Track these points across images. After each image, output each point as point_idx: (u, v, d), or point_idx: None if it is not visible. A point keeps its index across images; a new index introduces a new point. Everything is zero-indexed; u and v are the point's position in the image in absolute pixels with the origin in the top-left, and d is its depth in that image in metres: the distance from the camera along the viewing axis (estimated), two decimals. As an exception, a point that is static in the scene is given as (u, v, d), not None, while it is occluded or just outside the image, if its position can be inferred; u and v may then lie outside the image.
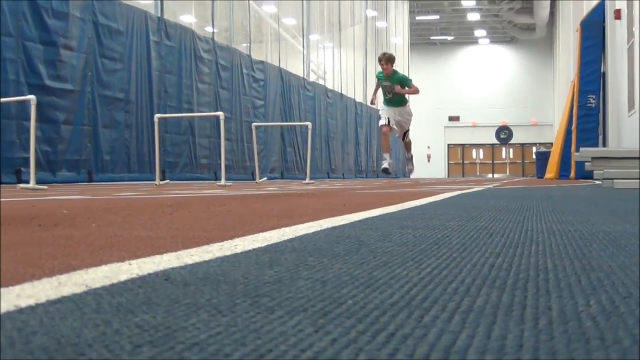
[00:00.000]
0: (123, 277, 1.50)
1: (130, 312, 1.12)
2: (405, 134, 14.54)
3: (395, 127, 14.02)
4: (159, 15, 18.04)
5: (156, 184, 12.51)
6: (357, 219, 3.54)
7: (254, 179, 13.95)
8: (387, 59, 13.90)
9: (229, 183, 12.68)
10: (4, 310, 1.14)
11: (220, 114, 12.51)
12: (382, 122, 13.89)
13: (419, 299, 1.25)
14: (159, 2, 18.21)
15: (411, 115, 14.62)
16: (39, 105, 12.83)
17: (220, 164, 12.86)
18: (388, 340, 0.93)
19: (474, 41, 53.29)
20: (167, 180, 14.62)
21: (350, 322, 1.04)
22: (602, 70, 21.79)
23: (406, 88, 13.80)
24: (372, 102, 15.17)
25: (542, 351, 0.87)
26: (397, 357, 0.84)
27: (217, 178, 16.97)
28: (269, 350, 0.87)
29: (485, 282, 1.46)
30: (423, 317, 1.09)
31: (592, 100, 21.66)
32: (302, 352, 0.86)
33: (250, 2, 23.66)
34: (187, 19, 20.69)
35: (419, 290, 1.34)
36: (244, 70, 21.99)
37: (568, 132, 22.80)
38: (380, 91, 14.31)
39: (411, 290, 1.34)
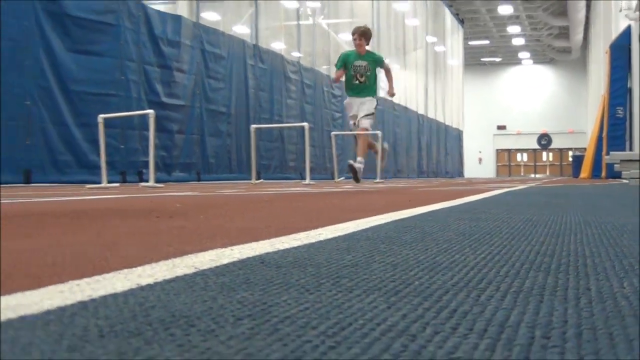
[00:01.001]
0: (226, 261, 1.50)
1: (233, 290, 1.12)
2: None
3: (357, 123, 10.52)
4: (255, 42, 18.16)
5: (252, 183, 12.56)
6: (420, 212, 3.51)
7: (333, 178, 13.89)
8: (361, 33, 10.17)
9: (312, 182, 12.69)
10: (126, 288, 1.14)
11: (305, 124, 12.53)
12: (362, 125, 10.22)
13: (475, 280, 1.23)
14: (254, 32, 18.34)
15: (374, 109, 10.74)
16: (157, 118, 13.01)
17: (305, 166, 12.87)
18: (451, 315, 0.91)
19: (518, 62, 52.95)
20: (262, 180, 14.67)
21: (418, 300, 1.03)
22: (628, 86, 21.45)
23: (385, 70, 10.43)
24: (336, 81, 10.57)
25: (584, 326, 0.84)
26: (458, 331, 0.82)
27: (303, 178, 17.02)
28: (349, 323, 0.86)
29: (532, 266, 1.42)
30: (480, 296, 1.07)
31: (620, 112, 21.36)
32: (377, 326, 0.85)
33: (330, 31, 23.75)
34: (278, 46, 20.76)
35: (476, 273, 1.31)
36: (324, 88, 22.05)
37: (599, 138, 22.56)
38: (343, 78, 10.49)
39: (469, 273, 1.32)
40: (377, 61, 10.47)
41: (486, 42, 48.61)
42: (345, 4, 24.76)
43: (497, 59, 52.77)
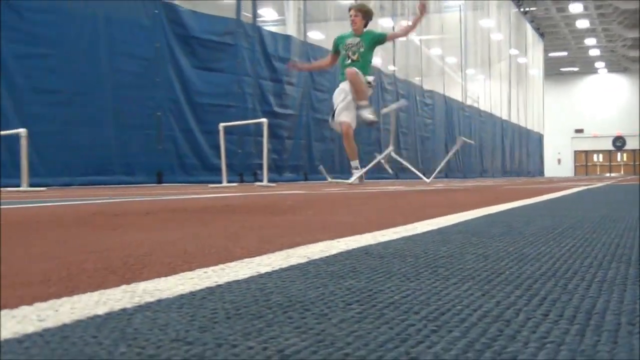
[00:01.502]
0: (334, 251, 1.50)
1: (341, 278, 1.12)
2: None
3: (345, 118, 7.69)
4: (355, 58, 18.17)
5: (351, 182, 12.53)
6: (506, 208, 3.45)
7: (420, 178, 13.75)
8: (359, 9, 7.92)
9: (407, 181, 12.59)
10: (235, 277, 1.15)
11: (403, 101, 12.43)
12: (344, 118, 7.57)
13: (562, 270, 1.19)
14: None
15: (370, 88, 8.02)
16: (269, 125, 13.23)
17: (399, 167, 12.78)
18: (541, 303, 0.89)
19: (594, 71, 51.64)
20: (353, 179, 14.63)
21: (509, 288, 1.00)
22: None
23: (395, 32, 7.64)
24: (301, 68, 8.52)
25: (667, 314, 0.81)
26: (549, 317, 0.80)
27: (398, 177, 16.96)
28: (448, 309, 0.85)
29: (614, 258, 1.38)
30: (567, 285, 1.03)
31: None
32: (474, 312, 0.83)
33: (422, 46, 23.59)
34: (376, 61, 20.72)
35: (562, 264, 1.28)
36: (417, 97, 21.94)
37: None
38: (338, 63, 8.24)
39: (555, 264, 1.28)
40: (376, 38, 8.15)
41: (564, 53, 47.52)
42: (436, 21, 24.54)
43: (575, 69, 51.56)
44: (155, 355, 0.64)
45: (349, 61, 7.89)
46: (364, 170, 8.32)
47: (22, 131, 7.68)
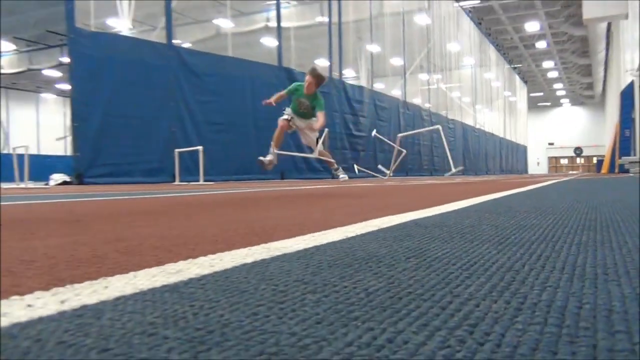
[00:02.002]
0: (395, 222, 1.45)
1: (401, 240, 1.07)
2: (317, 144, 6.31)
3: (296, 126, 6.21)
4: (404, 99, 17.93)
5: (390, 177, 12.41)
6: (505, 194, 3.32)
7: (445, 173, 13.40)
8: (315, 76, 5.92)
9: (439, 176, 12.34)
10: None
11: (438, 126, 12.16)
12: (285, 117, 6.14)
13: (549, 236, 1.11)
14: (403, 93, 18.10)
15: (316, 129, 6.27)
16: (349, 142, 13.39)
17: (435, 167, 12.58)
18: (538, 258, 0.82)
19: (560, 105, 49.66)
20: (388, 175, 14.43)
21: (515, 248, 0.94)
22: (632, 116, 19.53)
23: (318, 117, 6.05)
24: (269, 103, 6.20)
25: (630, 267, 0.73)
26: (546, 268, 0.74)
27: (431, 174, 16.66)
28: (475, 262, 0.79)
29: (584, 227, 1.28)
30: (554, 246, 0.96)
31: (627, 133, 19.45)
32: (492, 264, 0.78)
33: (446, 91, 23.10)
34: (417, 101, 20.41)
35: (549, 232, 1.19)
36: (445, 124, 21.44)
37: (613, 149, 20.75)
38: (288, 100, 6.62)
39: (544, 231, 1.20)
40: (317, 105, 6.33)
41: (541, 93, 45.74)
42: (455, 75, 24.04)
43: (548, 103, 49.60)
44: (284, 291, 0.62)
45: (301, 111, 6.19)
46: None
47: (199, 148, 7.88)
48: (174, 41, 9.79)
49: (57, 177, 8.77)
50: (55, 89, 29.18)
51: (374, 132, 9.24)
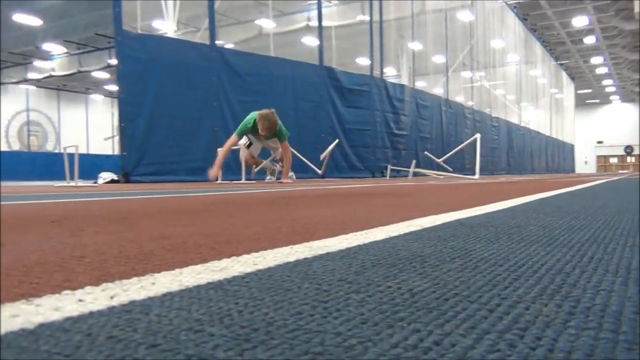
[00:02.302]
0: (438, 222, 1.43)
1: (445, 240, 1.05)
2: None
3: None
4: (446, 97, 17.68)
5: (440, 177, 12.25)
6: (553, 194, 3.22)
7: (473, 174, 13.12)
8: (269, 128, 6.21)
9: (479, 177, 12.11)
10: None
11: (478, 135, 11.98)
12: (247, 151, 6.28)
13: (601, 237, 1.07)
14: (445, 91, 17.86)
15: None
16: (390, 141, 13.31)
17: (475, 167, 12.32)
18: (590, 261, 0.79)
19: (610, 102, 48.21)
20: (428, 174, 14.24)
21: (564, 250, 0.91)
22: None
23: (282, 148, 6.42)
24: (215, 175, 6.34)
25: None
26: (598, 271, 0.71)
27: (473, 174, 16.33)
28: (523, 264, 0.77)
29: (638, 229, 1.23)
30: (607, 248, 0.93)
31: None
32: (541, 266, 0.75)
33: (490, 88, 22.64)
34: (459, 99, 20.09)
35: (600, 233, 1.15)
36: (488, 122, 21.03)
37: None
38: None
39: (595, 232, 1.16)
40: (280, 137, 6.37)
41: (589, 90, 44.33)
42: (499, 72, 23.54)
43: (597, 101, 48.02)
44: (327, 290, 0.61)
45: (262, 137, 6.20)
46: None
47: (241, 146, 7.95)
48: (217, 42, 9.94)
49: (105, 176, 9.04)
50: (103, 90, 30.08)
51: (425, 152, 9.19)
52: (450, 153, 10.62)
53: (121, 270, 0.78)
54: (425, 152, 9.89)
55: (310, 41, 17.52)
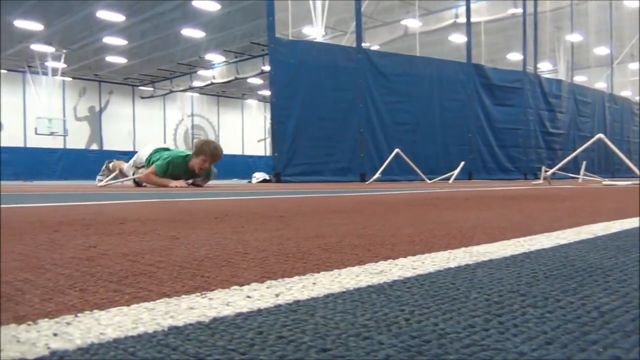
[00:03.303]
0: (613, 230, 1.28)
1: (626, 252, 0.93)
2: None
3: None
4: (610, 92, 16.06)
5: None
6: None
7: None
8: (216, 158, 5.76)
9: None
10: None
11: (600, 135, 10.68)
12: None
13: None
14: (609, 86, 16.25)
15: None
16: (545, 140, 12.43)
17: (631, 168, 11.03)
18: None
19: None
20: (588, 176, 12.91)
21: None
22: None
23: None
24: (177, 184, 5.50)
25: None
26: None
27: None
28: None
29: None
30: None
31: None
32: None
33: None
34: (626, 94, 18.16)
35: None
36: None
37: None
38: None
39: None
40: (210, 174, 6.02)
41: None
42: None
43: None
44: (499, 302, 0.56)
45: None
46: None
47: (397, 150, 7.95)
48: (363, 44, 10.05)
49: (258, 175, 9.60)
50: (257, 95, 32.04)
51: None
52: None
53: (282, 268, 0.79)
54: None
55: (458, 38, 17.00)
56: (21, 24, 18.39)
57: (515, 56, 18.02)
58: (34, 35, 19.96)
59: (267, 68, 17.55)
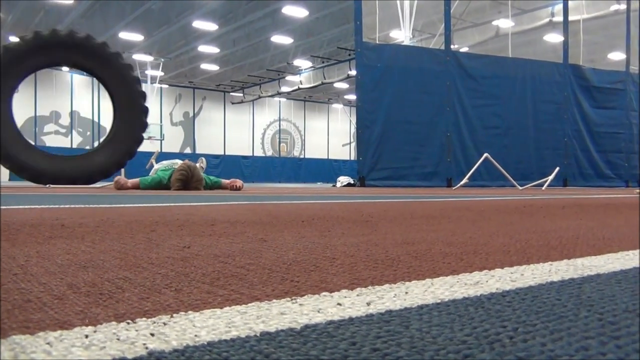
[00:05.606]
0: None
1: None
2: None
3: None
4: None
5: None
6: None
7: None
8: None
9: None
10: None
11: None
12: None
13: None
14: None
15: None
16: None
17: None
18: None
19: None
20: None
21: None
22: None
23: None
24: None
25: None
26: None
27: None
28: None
29: None
30: None
31: None
32: None
33: None
34: None
35: None
36: None
37: None
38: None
39: None
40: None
41: None
42: None
43: None
44: (614, 323, 0.51)
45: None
46: None
47: (487, 155, 7.70)
48: (452, 46, 9.82)
49: (342, 179, 9.63)
50: (343, 100, 32.22)
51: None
52: None
53: (372, 275, 0.77)
54: None
55: (554, 38, 16.21)
56: (125, 35, 19.67)
57: (617, 56, 16.88)
58: (135, 46, 21.29)
59: (353, 72, 17.58)
